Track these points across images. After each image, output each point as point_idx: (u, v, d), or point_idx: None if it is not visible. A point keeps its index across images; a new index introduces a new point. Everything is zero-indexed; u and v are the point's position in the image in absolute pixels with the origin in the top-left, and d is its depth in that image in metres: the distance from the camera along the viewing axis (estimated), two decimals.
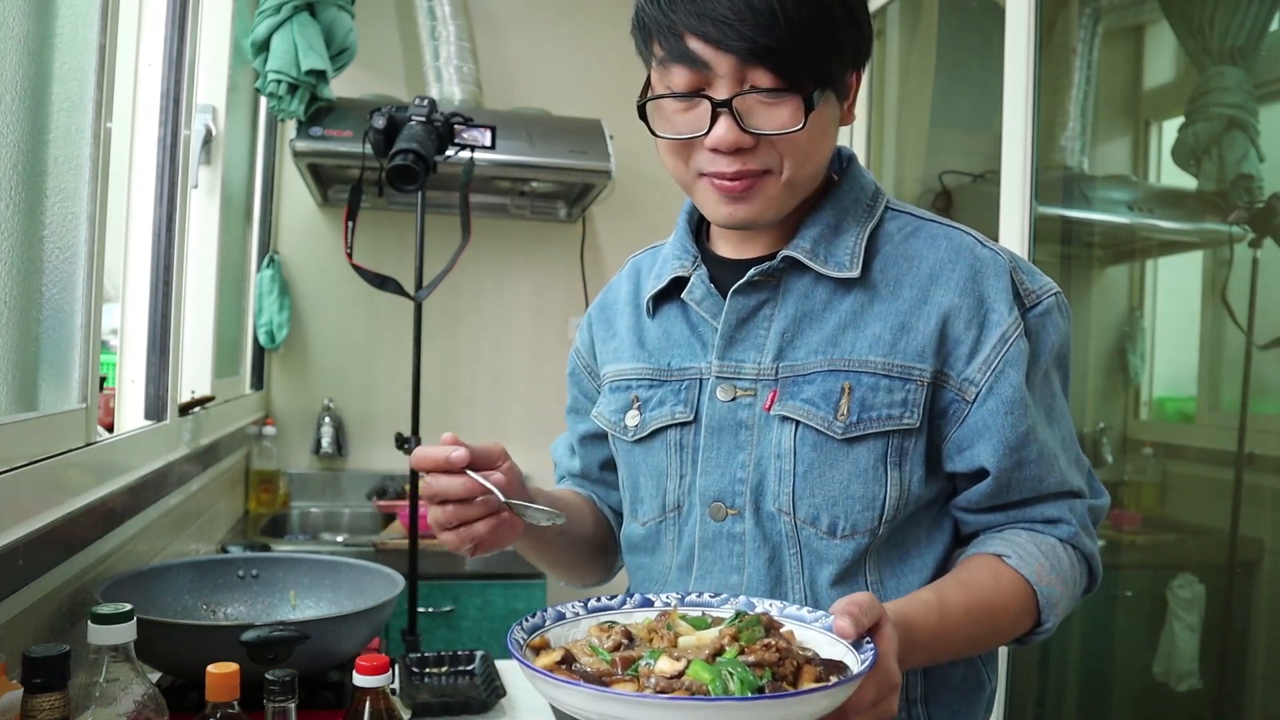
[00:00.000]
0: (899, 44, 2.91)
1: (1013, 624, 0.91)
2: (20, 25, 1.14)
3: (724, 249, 1.03)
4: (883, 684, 0.73)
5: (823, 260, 0.95)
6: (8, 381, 1.15)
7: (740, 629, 0.75)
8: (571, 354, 1.19)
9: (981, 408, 0.92)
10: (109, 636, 0.88)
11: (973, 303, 0.93)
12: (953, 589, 0.88)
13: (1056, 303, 0.96)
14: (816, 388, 0.93)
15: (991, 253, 0.95)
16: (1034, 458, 0.92)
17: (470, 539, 0.89)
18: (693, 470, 0.99)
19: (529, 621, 0.81)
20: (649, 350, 1.05)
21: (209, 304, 2.30)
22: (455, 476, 0.87)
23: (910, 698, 0.96)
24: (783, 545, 0.94)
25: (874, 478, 0.92)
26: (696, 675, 0.69)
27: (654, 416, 1.02)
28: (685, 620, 0.80)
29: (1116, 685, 2.31)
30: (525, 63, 3.27)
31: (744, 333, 0.97)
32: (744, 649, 0.72)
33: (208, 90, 2.26)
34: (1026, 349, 0.92)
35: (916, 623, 0.82)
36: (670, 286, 1.03)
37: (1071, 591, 0.94)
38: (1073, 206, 2.46)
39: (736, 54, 0.85)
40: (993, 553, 0.92)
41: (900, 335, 0.93)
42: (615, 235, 3.35)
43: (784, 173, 0.90)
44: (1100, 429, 2.39)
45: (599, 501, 1.19)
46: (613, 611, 0.86)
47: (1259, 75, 2.12)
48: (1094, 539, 0.98)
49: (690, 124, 0.91)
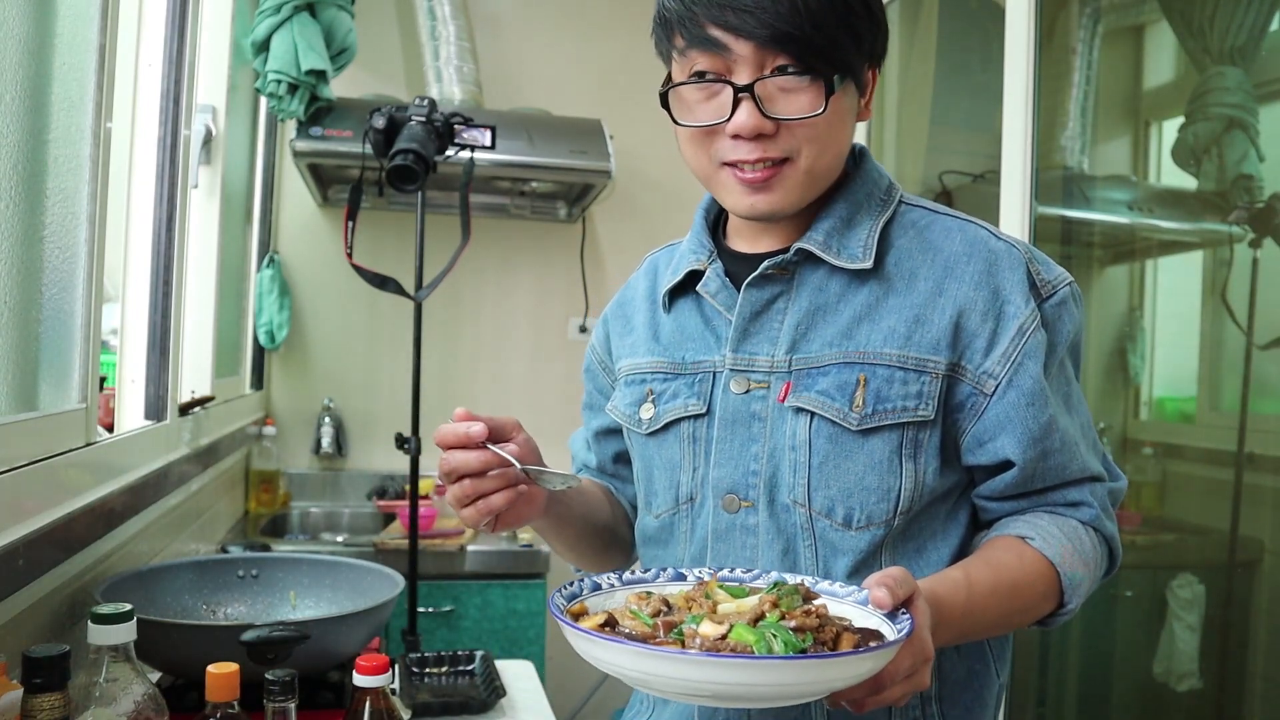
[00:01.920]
0: (899, 44, 2.90)
1: (1037, 604, 0.92)
2: (20, 25, 1.14)
3: (740, 244, 1.04)
4: (918, 654, 0.75)
5: (836, 252, 0.96)
6: (8, 381, 1.15)
7: (780, 596, 0.77)
8: (588, 350, 1.20)
9: (1002, 400, 0.93)
10: (109, 636, 0.88)
11: (988, 295, 0.93)
12: (979, 568, 0.89)
13: (1071, 292, 0.97)
14: (831, 379, 0.93)
15: (1006, 245, 0.96)
16: (1057, 446, 0.93)
17: (489, 512, 0.89)
18: (706, 463, 0.99)
19: (567, 589, 0.82)
20: (664, 344, 1.06)
21: (209, 304, 2.30)
22: (471, 450, 0.87)
23: (924, 695, 0.96)
24: (797, 537, 0.95)
25: (889, 469, 0.92)
26: (740, 637, 0.71)
27: (668, 409, 1.02)
28: (723, 589, 0.82)
29: (1116, 685, 2.31)
30: (525, 63, 3.27)
31: (758, 325, 0.98)
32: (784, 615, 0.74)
33: (208, 90, 2.26)
34: (1044, 340, 0.93)
35: (945, 600, 0.83)
36: (686, 280, 1.04)
37: (1094, 573, 0.95)
38: (1073, 206, 2.46)
39: (757, 40, 0.87)
40: (1016, 534, 0.93)
41: (915, 328, 0.93)
42: (615, 235, 3.35)
43: (804, 161, 0.91)
44: (1100, 429, 2.39)
45: (615, 493, 1.20)
46: (647, 584, 0.87)
47: (1259, 75, 2.12)
48: (1114, 521, 0.99)
49: (712, 112, 0.91)
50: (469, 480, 0.88)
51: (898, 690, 0.75)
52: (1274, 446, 2.04)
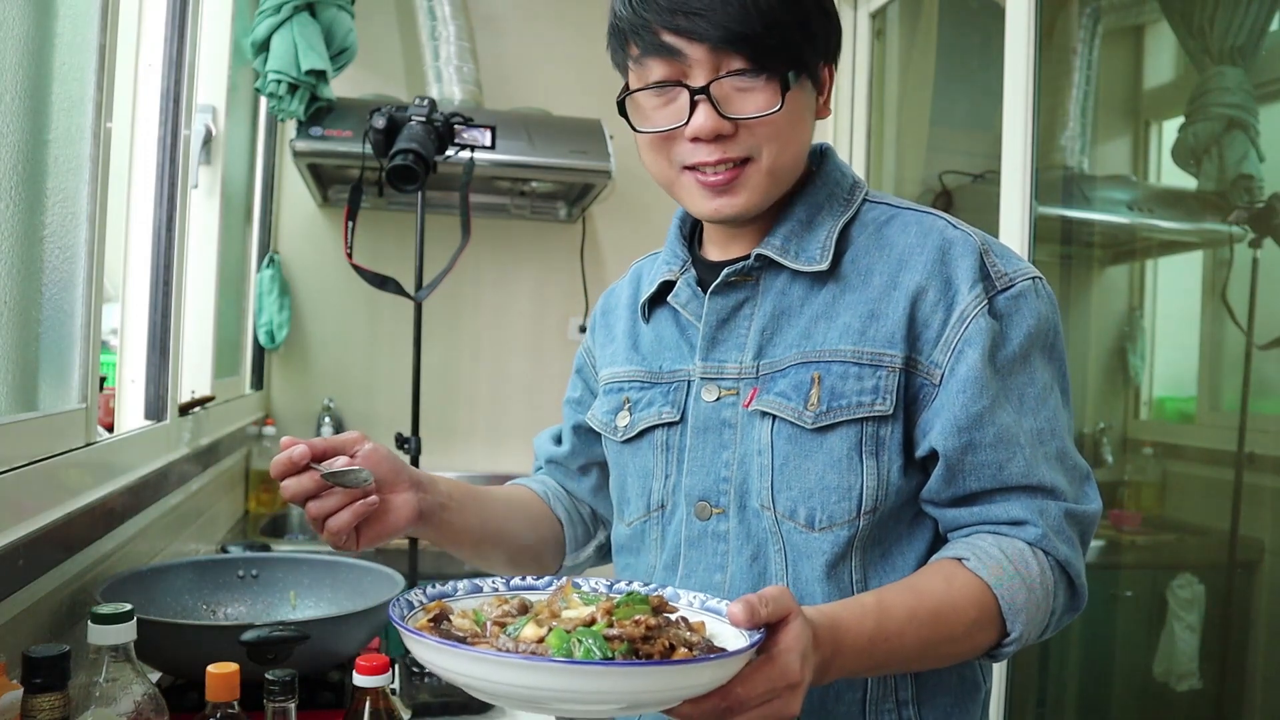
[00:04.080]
0: (899, 44, 2.91)
1: (970, 632, 0.85)
2: (20, 25, 1.13)
3: (712, 252, 1.04)
4: (775, 679, 0.70)
5: (794, 256, 0.96)
6: (8, 381, 1.15)
7: (618, 604, 0.75)
8: (580, 351, 1.21)
9: (944, 389, 0.90)
10: (109, 636, 0.88)
11: (940, 284, 0.91)
12: (897, 593, 0.85)
13: (1034, 286, 0.93)
14: (789, 380, 0.93)
15: (961, 234, 0.94)
16: (989, 441, 0.88)
17: (340, 530, 0.89)
18: (678, 470, 1.00)
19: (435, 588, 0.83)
20: (643, 354, 1.06)
21: (209, 304, 2.30)
22: (302, 474, 0.88)
23: (900, 699, 0.94)
24: (767, 542, 0.94)
25: (849, 467, 0.91)
26: (550, 642, 0.70)
27: (642, 417, 1.03)
28: (578, 594, 0.81)
29: (1116, 685, 2.31)
30: (525, 63, 3.27)
31: (725, 333, 0.98)
32: (613, 623, 0.72)
33: (208, 90, 2.26)
34: (988, 328, 0.90)
35: (847, 625, 0.79)
36: (661, 290, 1.04)
37: (1043, 600, 0.88)
38: (1073, 206, 2.46)
39: (709, 41, 0.87)
40: (952, 556, 0.89)
41: (870, 322, 0.92)
42: (615, 235, 3.35)
43: (765, 160, 0.91)
44: (1100, 429, 2.39)
45: (565, 499, 1.18)
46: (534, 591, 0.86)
47: (1259, 75, 2.13)
48: (1073, 546, 0.90)
49: (669, 117, 0.92)
50: (311, 503, 0.89)
51: (753, 715, 0.70)
52: (1274, 446, 2.04)
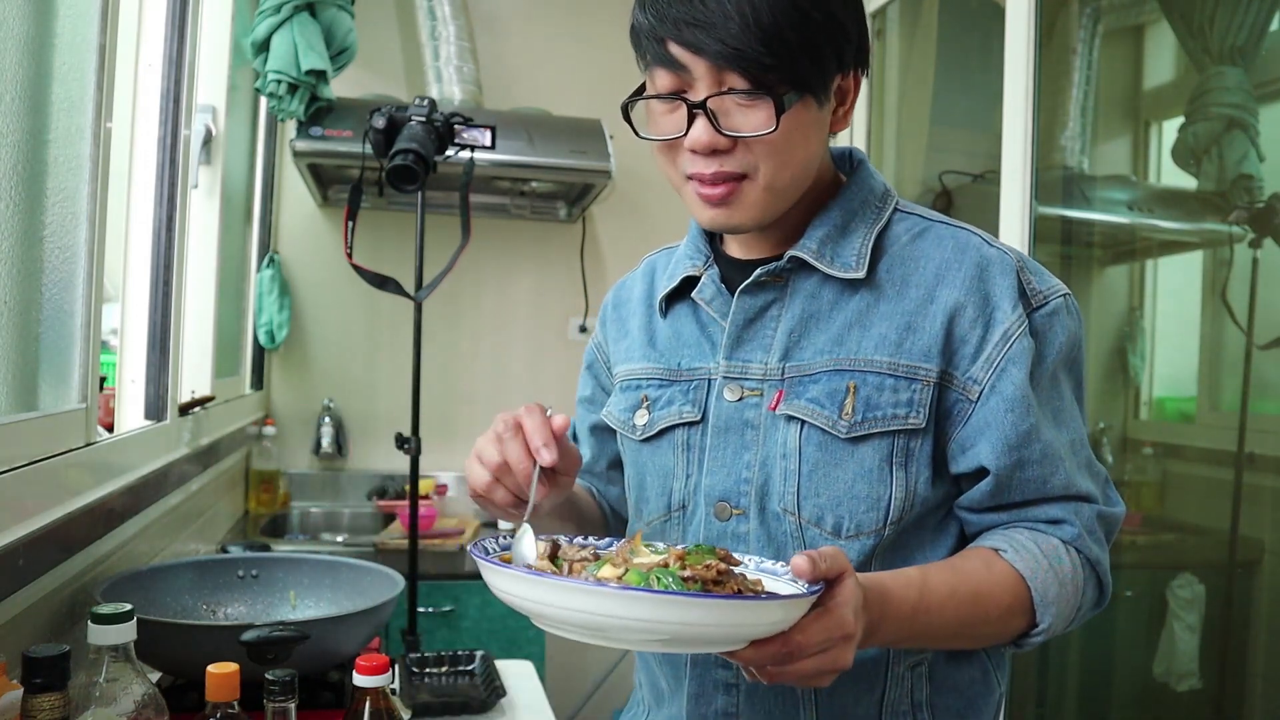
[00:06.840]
0: (899, 44, 2.91)
1: (1004, 617, 0.89)
2: (20, 25, 1.14)
3: (735, 250, 1.04)
4: (832, 629, 0.73)
5: (829, 260, 0.96)
6: (8, 381, 1.15)
7: (689, 552, 0.77)
8: (590, 346, 1.20)
9: (984, 406, 0.92)
10: (109, 636, 0.88)
11: (978, 301, 0.93)
12: (940, 570, 0.89)
13: (1065, 304, 0.96)
14: (822, 387, 0.93)
15: (998, 251, 0.95)
16: (1036, 458, 0.92)
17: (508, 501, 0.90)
18: (699, 470, 0.99)
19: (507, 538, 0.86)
20: (660, 350, 1.06)
21: (209, 304, 2.30)
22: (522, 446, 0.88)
23: (915, 700, 0.95)
24: (787, 546, 0.94)
25: (879, 478, 0.92)
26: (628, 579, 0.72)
27: (662, 416, 1.02)
28: (647, 546, 0.83)
29: (1116, 685, 2.31)
30: (525, 63, 3.27)
31: (751, 333, 0.98)
32: (686, 566, 0.74)
33: (208, 90, 2.26)
34: (1030, 347, 0.92)
35: (893, 593, 0.82)
36: (682, 286, 1.04)
37: (1073, 596, 0.92)
38: (1073, 206, 2.46)
39: (710, 58, 0.87)
40: (990, 546, 0.92)
41: (906, 335, 0.93)
42: (615, 235, 3.35)
43: (762, 178, 0.91)
44: (1100, 429, 2.39)
45: (597, 495, 1.20)
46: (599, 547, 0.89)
47: (1259, 75, 2.12)
48: (1103, 547, 0.96)
49: (672, 126, 0.92)
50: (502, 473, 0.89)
51: (810, 664, 0.73)
52: (1274, 446, 2.04)
